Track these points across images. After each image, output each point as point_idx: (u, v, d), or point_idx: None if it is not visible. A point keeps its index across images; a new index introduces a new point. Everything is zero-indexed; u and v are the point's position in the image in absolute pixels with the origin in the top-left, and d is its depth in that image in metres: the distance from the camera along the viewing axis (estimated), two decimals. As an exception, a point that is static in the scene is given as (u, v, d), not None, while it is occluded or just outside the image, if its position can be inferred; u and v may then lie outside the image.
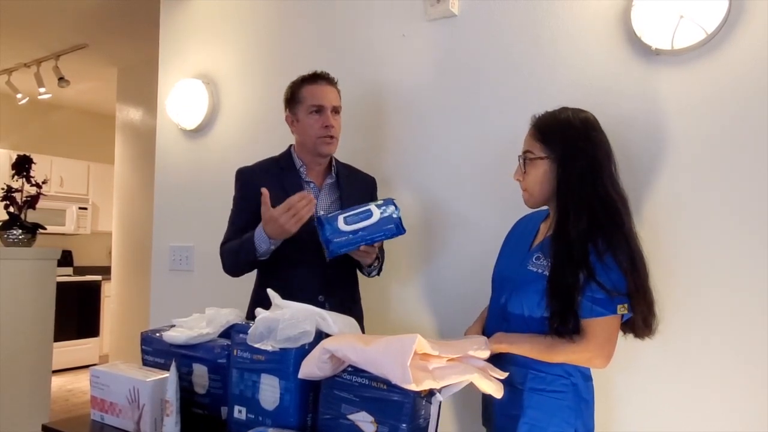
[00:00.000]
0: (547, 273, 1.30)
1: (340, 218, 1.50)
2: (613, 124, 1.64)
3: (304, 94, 1.71)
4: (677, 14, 1.50)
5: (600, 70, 1.70)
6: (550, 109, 1.40)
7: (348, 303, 1.73)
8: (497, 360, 1.31)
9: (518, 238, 1.51)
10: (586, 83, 1.71)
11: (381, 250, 1.73)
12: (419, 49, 2.05)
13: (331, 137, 1.71)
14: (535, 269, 1.34)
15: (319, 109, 1.69)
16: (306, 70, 1.76)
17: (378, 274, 1.77)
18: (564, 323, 1.25)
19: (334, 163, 1.81)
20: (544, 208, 1.44)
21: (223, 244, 1.74)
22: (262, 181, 1.66)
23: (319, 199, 1.74)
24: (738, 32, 1.50)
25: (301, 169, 1.75)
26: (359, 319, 1.76)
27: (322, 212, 1.69)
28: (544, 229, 1.43)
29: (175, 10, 2.82)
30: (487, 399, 1.43)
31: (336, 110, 1.72)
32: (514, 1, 1.85)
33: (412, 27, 2.06)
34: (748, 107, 1.48)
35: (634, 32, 1.61)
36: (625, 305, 1.25)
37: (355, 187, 1.80)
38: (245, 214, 1.71)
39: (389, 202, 1.53)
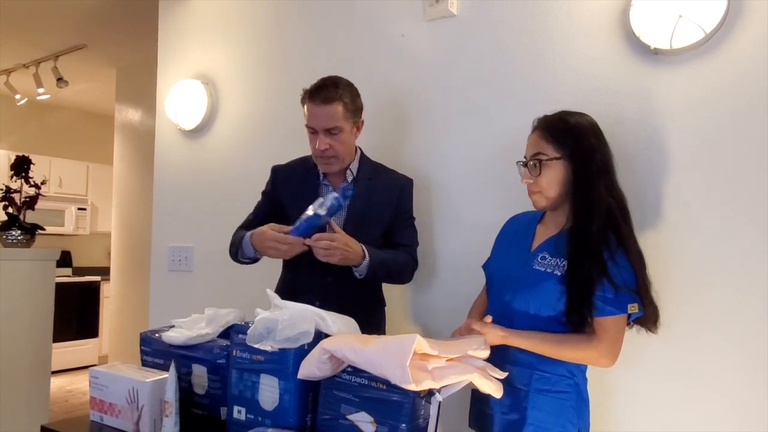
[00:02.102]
0: (557, 272, 1.32)
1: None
2: (612, 123, 1.65)
3: (304, 109, 1.67)
4: (676, 14, 1.50)
5: (599, 69, 1.70)
6: (548, 110, 1.42)
7: (348, 309, 1.66)
8: (499, 360, 1.31)
9: (513, 238, 1.51)
10: (585, 82, 1.71)
11: (386, 257, 1.66)
12: (418, 49, 2.05)
13: (327, 157, 1.67)
14: (543, 269, 1.35)
15: (313, 130, 1.66)
16: (305, 71, 1.76)
17: (370, 276, 1.64)
18: (583, 319, 1.28)
19: (355, 165, 1.76)
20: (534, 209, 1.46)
21: (237, 229, 1.76)
22: (286, 181, 1.80)
23: None
24: (737, 32, 1.50)
25: (320, 171, 1.75)
26: (377, 324, 1.77)
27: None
28: (543, 230, 1.44)
29: (174, 11, 2.82)
30: (480, 400, 1.42)
31: (331, 131, 1.64)
32: (513, 1, 1.85)
33: (411, 27, 2.06)
34: (746, 106, 1.48)
35: (632, 32, 1.61)
36: (636, 305, 1.28)
37: (374, 191, 1.74)
38: (261, 210, 1.80)
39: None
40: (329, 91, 1.62)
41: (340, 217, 1.69)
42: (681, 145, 1.57)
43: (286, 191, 1.77)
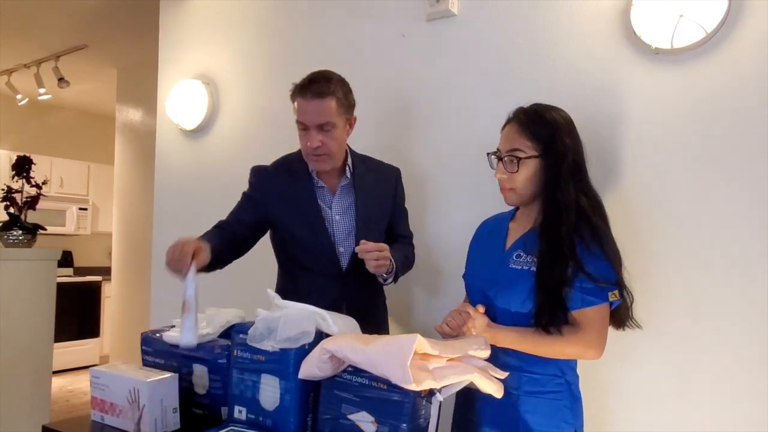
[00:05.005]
0: (532, 269, 1.31)
1: None
2: (612, 123, 1.65)
3: (294, 104, 1.59)
4: (677, 13, 1.50)
5: (599, 69, 1.70)
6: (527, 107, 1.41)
7: (368, 309, 1.67)
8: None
9: (487, 240, 1.51)
10: (586, 82, 1.71)
11: (402, 260, 1.67)
12: (419, 49, 2.05)
13: (319, 155, 1.59)
14: (519, 267, 1.34)
15: (304, 126, 1.58)
16: (305, 70, 1.75)
17: (394, 281, 1.68)
18: (554, 319, 1.26)
19: (349, 161, 1.69)
20: (510, 208, 1.47)
21: (215, 226, 1.71)
22: (272, 187, 1.68)
23: (334, 204, 1.67)
24: (737, 32, 1.50)
25: (314, 173, 1.67)
26: (383, 324, 1.76)
27: (338, 216, 1.65)
28: (516, 227, 1.44)
29: (174, 11, 2.82)
30: (463, 408, 1.41)
31: (324, 127, 1.56)
32: (514, 1, 1.85)
33: (412, 27, 2.06)
34: (747, 106, 1.48)
35: (633, 31, 1.61)
36: (615, 292, 1.28)
37: (373, 185, 1.72)
38: (243, 214, 1.70)
39: None
40: (321, 86, 1.55)
41: (349, 217, 1.67)
42: (682, 145, 1.57)
43: (275, 199, 1.67)
